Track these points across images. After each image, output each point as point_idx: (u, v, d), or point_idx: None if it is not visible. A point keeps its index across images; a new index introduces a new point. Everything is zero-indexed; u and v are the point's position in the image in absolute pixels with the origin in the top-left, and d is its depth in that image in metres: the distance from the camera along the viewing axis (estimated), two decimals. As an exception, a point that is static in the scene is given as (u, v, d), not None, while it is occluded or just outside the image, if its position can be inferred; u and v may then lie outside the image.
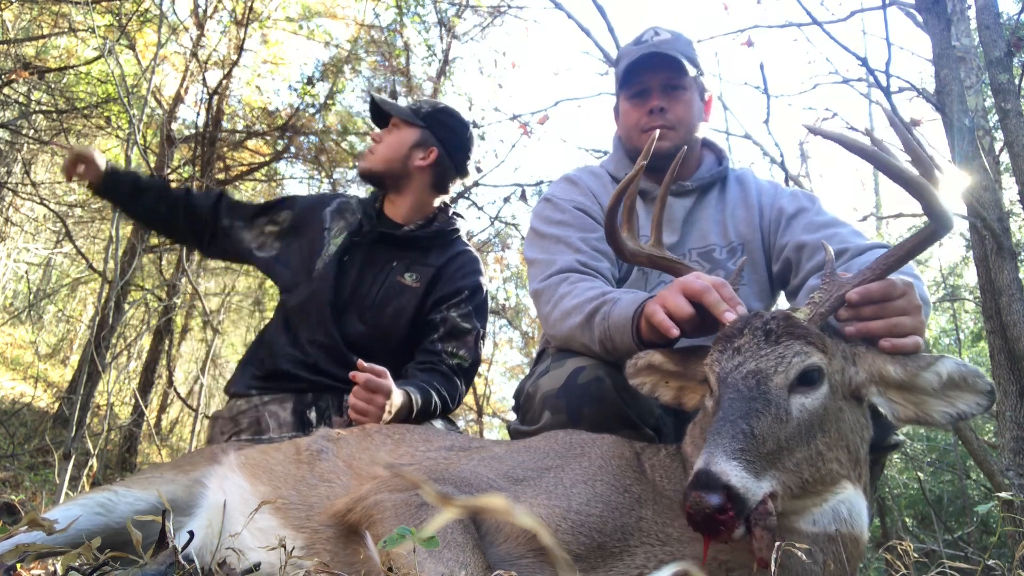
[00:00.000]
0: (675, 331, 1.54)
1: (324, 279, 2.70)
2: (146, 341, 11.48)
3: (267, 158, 11.46)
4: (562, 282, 2.05)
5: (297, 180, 12.50)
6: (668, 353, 1.58)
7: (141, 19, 8.83)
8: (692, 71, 2.28)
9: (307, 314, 2.70)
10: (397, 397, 2.28)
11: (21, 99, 8.66)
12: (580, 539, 1.28)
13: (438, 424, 2.56)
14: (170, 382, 10.25)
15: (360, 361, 2.25)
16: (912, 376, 1.36)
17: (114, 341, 8.13)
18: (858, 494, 1.34)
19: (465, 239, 2.97)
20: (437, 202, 2.92)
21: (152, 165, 8.24)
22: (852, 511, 1.31)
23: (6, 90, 8.13)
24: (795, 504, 1.27)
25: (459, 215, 2.98)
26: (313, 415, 2.62)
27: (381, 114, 2.93)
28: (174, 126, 10.16)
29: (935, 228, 1.41)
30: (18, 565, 1.21)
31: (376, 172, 2.83)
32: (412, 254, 2.78)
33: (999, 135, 5.99)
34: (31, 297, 12.79)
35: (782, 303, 2.41)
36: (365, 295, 2.71)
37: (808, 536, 1.27)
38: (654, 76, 2.28)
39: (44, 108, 8.93)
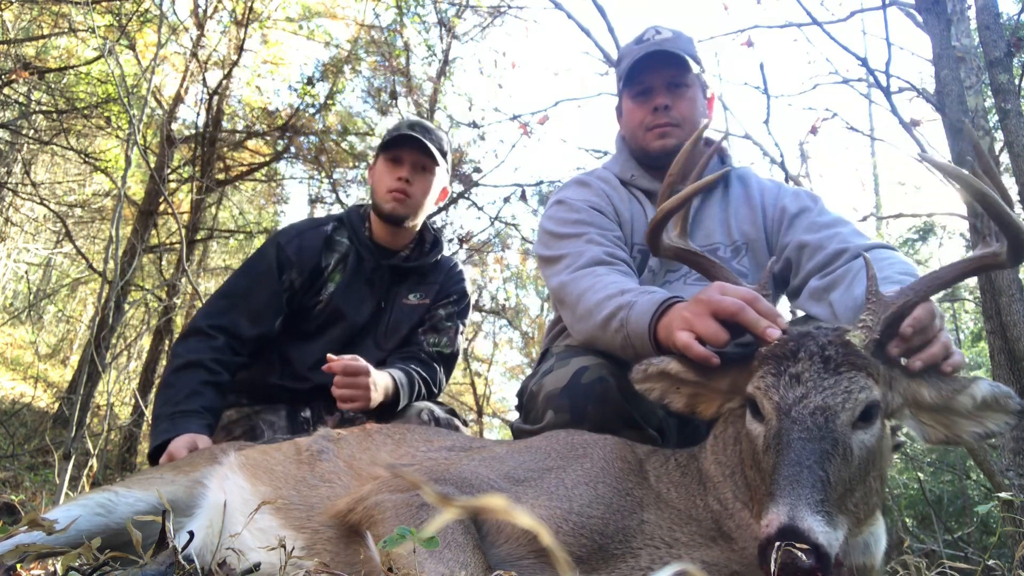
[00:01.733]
0: (716, 360, 1.46)
1: (339, 326, 2.71)
2: (146, 341, 11.48)
3: (267, 158, 11.47)
4: (587, 275, 1.99)
5: (297, 180, 12.52)
6: (686, 361, 1.50)
7: (141, 19, 8.83)
8: (695, 68, 2.28)
9: (319, 362, 2.60)
10: (380, 376, 2.36)
11: (21, 99, 8.66)
12: (581, 541, 1.27)
13: (438, 410, 2.59)
14: (170, 382, 10.23)
15: (330, 355, 2.29)
16: (947, 399, 1.34)
17: (114, 341, 8.14)
18: (882, 521, 1.33)
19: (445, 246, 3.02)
20: None
21: (152, 165, 8.24)
22: (878, 541, 1.31)
23: (6, 90, 8.13)
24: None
25: (436, 228, 3.04)
26: (308, 414, 2.67)
27: (408, 144, 2.71)
28: (174, 126, 10.17)
29: (1003, 263, 1.38)
30: (18, 565, 1.21)
31: (412, 220, 2.74)
32: (413, 276, 2.85)
33: (999, 135, 5.99)
34: (31, 297, 12.79)
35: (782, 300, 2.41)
36: (377, 323, 2.77)
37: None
38: (658, 74, 2.27)
39: (44, 108, 8.93)
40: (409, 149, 2.69)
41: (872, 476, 1.27)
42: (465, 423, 2.71)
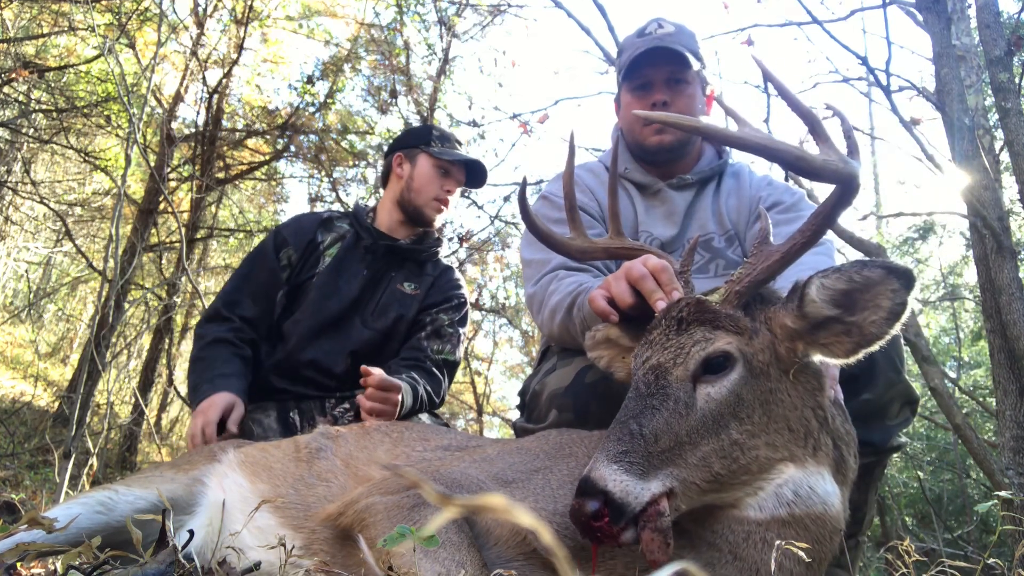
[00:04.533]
0: (614, 317, 1.53)
1: (326, 294, 2.78)
2: (146, 340, 11.48)
3: (267, 157, 11.46)
4: (552, 280, 2.07)
5: (297, 179, 12.52)
6: (624, 328, 1.55)
7: (141, 18, 8.82)
8: (695, 65, 2.28)
9: (307, 330, 2.76)
10: (406, 395, 2.43)
11: (21, 98, 8.66)
12: (564, 542, 1.25)
13: (424, 418, 2.65)
14: (170, 381, 10.25)
15: (364, 367, 2.34)
16: (802, 316, 1.26)
17: (114, 340, 8.13)
18: (805, 472, 1.25)
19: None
20: None
21: (152, 164, 8.24)
22: (799, 491, 1.24)
23: (6, 89, 8.13)
24: (723, 497, 1.22)
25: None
26: (296, 417, 2.70)
27: (461, 163, 2.93)
28: (174, 125, 10.16)
29: (846, 196, 1.29)
30: (18, 564, 1.21)
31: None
32: (409, 265, 2.94)
33: (999, 134, 5.98)
34: (31, 296, 12.80)
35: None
36: (368, 302, 2.83)
37: (760, 523, 1.22)
38: (657, 70, 2.27)
39: (44, 107, 8.93)
40: (459, 167, 2.91)
41: (736, 430, 1.21)
42: None
